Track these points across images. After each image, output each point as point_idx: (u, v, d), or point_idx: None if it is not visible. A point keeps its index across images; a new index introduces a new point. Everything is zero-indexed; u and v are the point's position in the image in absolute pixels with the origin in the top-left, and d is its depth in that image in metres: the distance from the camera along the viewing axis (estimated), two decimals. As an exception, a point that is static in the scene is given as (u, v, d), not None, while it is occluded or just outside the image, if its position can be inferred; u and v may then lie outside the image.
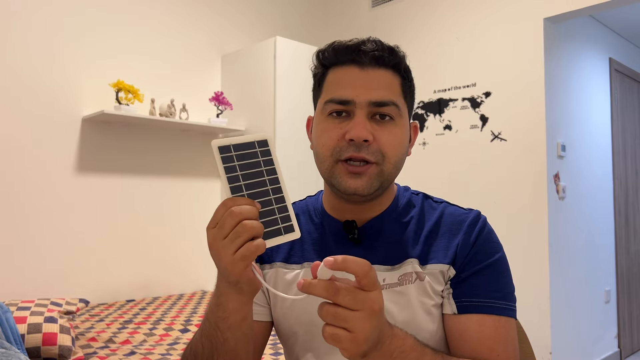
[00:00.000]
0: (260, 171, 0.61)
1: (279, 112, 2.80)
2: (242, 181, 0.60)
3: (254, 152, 0.61)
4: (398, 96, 0.78)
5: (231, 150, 0.60)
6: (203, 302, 2.55)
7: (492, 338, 0.73)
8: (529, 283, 2.58)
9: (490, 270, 0.77)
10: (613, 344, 3.42)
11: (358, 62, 0.77)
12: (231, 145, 0.60)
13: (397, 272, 0.78)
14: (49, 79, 2.45)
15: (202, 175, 3.07)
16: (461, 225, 0.79)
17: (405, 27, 3.20)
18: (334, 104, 0.77)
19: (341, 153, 0.75)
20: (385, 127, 0.76)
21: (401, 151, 0.78)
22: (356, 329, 0.53)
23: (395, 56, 0.78)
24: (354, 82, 0.76)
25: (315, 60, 0.83)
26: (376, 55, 0.77)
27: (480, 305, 0.74)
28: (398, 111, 0.77)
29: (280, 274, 0.84)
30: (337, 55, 0.79)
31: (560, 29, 2.79)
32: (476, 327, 0.74)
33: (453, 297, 0.76)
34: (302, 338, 0.82)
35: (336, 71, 0.79)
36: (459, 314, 0.75)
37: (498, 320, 0.74)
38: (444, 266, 0.77)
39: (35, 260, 2.38)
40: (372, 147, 0.74)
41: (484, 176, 2.78)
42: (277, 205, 0.61)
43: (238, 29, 3.25)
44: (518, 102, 2.67)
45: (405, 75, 0.81)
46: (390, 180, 0.78)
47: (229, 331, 0.66)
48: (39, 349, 1.68)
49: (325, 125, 0.78)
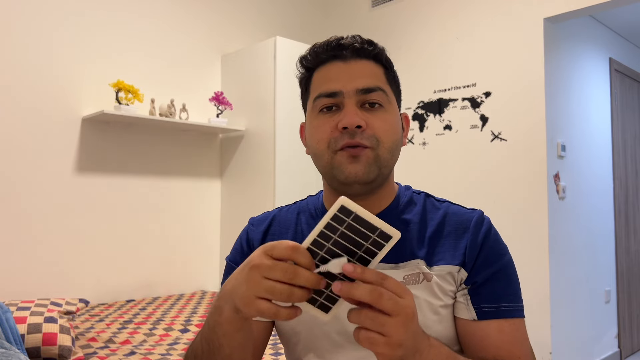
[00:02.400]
0: (354, 252, 0.55)
1: (279, 112, 2.80)
2: (329, 244, 0.54)
3: (368, 235, 0.54)
4: (384, 83, 0.80)
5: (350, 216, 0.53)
6: (203, 302, 2.55)
7: (511, 342, 0.75)
8: (529, 283, 2.58)
9: (503, 274, 0.79)
10: (613, 344, 3.42)
11: (340, 57, 0.79)
12: (355, 213, 0.53)
13: (401, 270, 0.78)
14: (49, 78, 2.45)
15: (202, 175, 3.07)
16: (467, 226, 0.80)
17: (405, 27, 3.19)
18: (323, 99, 0.78)
19: (337, 143, 0.75)
20: (376, 114, 0.77)
21: (395, 137, 0.79)
22: (392, 333, 0.54)
23: (375, 47, 0.81)
24: (339, 75, 0.78)
25: (299, 67, 0.84)
26: (357, 47, 0.79)
27: (499, 310, 0.76)
28: (386, 97, 0.79)
29: None
30: (319, 55, 0.81)
31: (560, 29, 2.79)
32: (496, 333, 0.76)
33: (472, 304, 0.77)
34: (304, 338, 0.81)
35: (320, 70, 0.81)
36: (478, 320, 0.76)
37: (513, 322, 0.76)
38: (453, 267, 0.78)
39: (35, 260, 2.38)
40: (366, 133, 0.75)
41: (484, 176, 2.78)
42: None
43: (238, 28, 3.25)
44: (518, 102, 2.67)
45: (387, 65, 0.83)
46: (388, 167, 0.79)
47: (224, 338, 0.66)
48: (39, 349, 1.67)
49: (317, 122, 0.79)
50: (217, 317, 0.65)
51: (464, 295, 0.77)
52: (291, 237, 0.86)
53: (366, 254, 0.55)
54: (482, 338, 0.76)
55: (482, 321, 0.76)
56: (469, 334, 0.77)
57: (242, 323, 0.64)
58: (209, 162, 3.10)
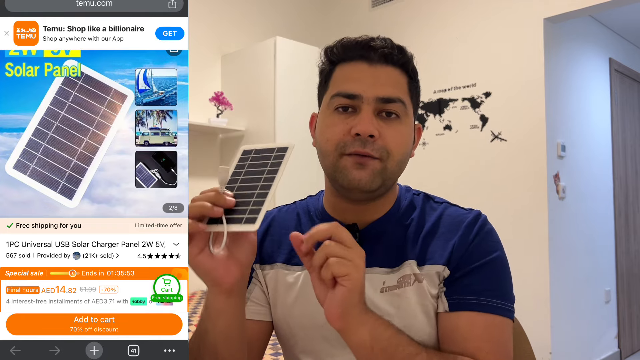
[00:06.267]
0: (261, 170, 0.61)
1: (279, 112, 2.80)
2: (240, 176, 0.62)
3: (268, 156, 0.62)
4: (405, 94, 0.78)
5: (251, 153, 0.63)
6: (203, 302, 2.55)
7: (481, 337, 0.71)
8: (529, 283, 2.58)
9: (486, 269, 0.75)
10: (613, 344, 3.42)
11: (367, 58, 0.77)
12: (254, 149, 0.63)
13: (396, 274, 0.77)
14: (48, 79, 2.45)
15: (202, 175, 3.06)
16: (459, 226, 0.78)
17: (405, 27, 3.19)
18: (341, 98, 0.76)
19: (346, 147, 0.74)
20: (391, 124, 0.75)
21: (405, 150, 0.78)
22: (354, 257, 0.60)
23: (404, 55, 0.79)
24: (362, 77, 0.76)
25: (323, 56, 0.82)
26: (385, 53, 0.77)
27: (472, 302, 0.73)
28: (404, 109, 0.77)
29: (281, 276, 0.83)
30: (346, 51, 0.79)
31: (560, 29, 2.79)
32: (466, 325, 0.72)
33: (445, 295, 0.75)
34: (302, 340, 0.81)
35: (344, 67, 0.79)
36: (450, 312, 0.73)
37: (492, 319, 0.72)
38: (440, 267, 0.76)
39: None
40: (377, 144, 0.73)
41: (484, 176, 2.78)
42: (256, 199, 0.59)
43: (238, 29, 3.25)
44: (518, 102, 2.67)
45: (412, 75, 0.81)
46: (393, 179, 0.78)
47: (209, 321, 0.67)
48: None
49: (330, 120, 0.77)
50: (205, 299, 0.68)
51: (441, 289, 0.76)
52: None
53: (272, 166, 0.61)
54: (451, 330, 0.73)
55: (453, 312, 0.73)
56: (440, 328, 0.75)
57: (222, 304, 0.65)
58: (209, 162, 3.10)
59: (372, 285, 0.76)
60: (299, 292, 0.80)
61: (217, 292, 0.64)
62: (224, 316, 0.66)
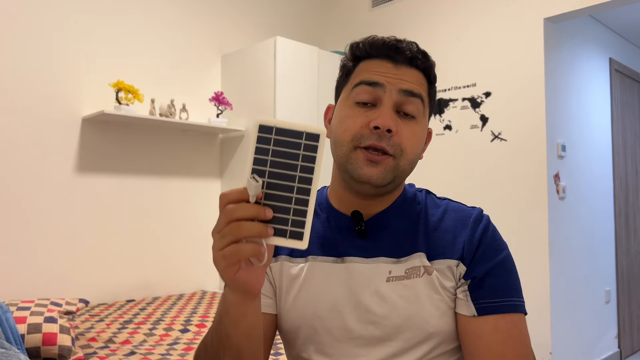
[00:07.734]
0: (294, 165, 0.53)
1: (279, 112, 2.80)
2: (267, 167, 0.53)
3: (298, 143, 0.53)
4: (425, 95, 0.81)
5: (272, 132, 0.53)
6: (203, 302, 2.55)
7: (503, 342, 0.74)
8: (529, 283, 2.58)
9: (502, 268, 0.78)
10: (613, 344, 3.42)
11: (392, 58, 0.79)
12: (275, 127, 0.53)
13: (403, 265, 0.79)
14: (49, 79, 2.45)
15: (202, 175, 3.07)
16: (466, 221, 0.81)
17: (405, 27, 3.20)
18: (364, 85, 0.78)
19: (362, 140, 0.75)
20: (408, 124, 0.78)
21: (418, 150, 0.80)
22: None
23: (428, 60, 0.81)
24: (385, 73, 0.78)
25: (349, 52, 0.84)
26: (411, 56, 0.79)
27: (497, 305, 0.75)
28: (422, 109, 0.79)
29: (286, 268, 0.84)
30: (373, 48, 0.81)
31: (560, 29, 2.79)
32: (490, 331, 0.75)
33: (472, 300, 0.77)
34: (304, 332, 0.82)
35: (368, 62, 0.81)
36: (478, 316, 0.76)
37: (511, 319, 0.75)
38: (452, 262, 0.78)
39: (35, 260, 2.38)
40: (393, 140, 0.75)
41: (484, 176, 2.78)
42: (296, 206, 0.53)
43: (238, 29, 3.25)
44: (518, 102, 2.67)
45: (432, 81, 0.83)
46: (403, 177, 0.79)
47: (231, 326, 0.66)
48: (39, 349, 1.67)
49: (349, 112, 0.79)
50: (222, 305, 0.66)
51: (464, 292, 0.78)
52: None
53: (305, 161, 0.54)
54: (476, 337, 0.76)
55: (480, 317, 0.75)
56: (466, 332, 0.77)
57: (246, 307, 0.64)
58: (209, 162, 3.10)
59: (379, 274, 0.79)
60: (302, 284, 0.82)
61: (244, 298, 0.63)
62: (247, 318, 0.66)
